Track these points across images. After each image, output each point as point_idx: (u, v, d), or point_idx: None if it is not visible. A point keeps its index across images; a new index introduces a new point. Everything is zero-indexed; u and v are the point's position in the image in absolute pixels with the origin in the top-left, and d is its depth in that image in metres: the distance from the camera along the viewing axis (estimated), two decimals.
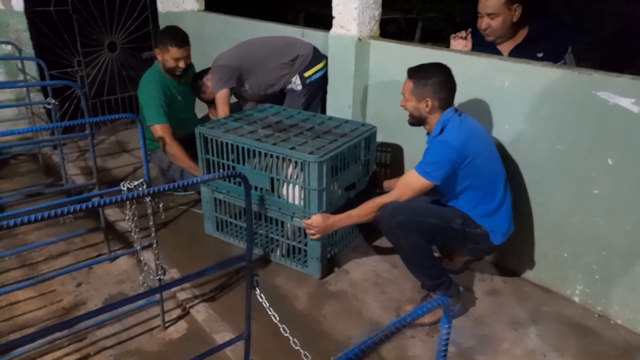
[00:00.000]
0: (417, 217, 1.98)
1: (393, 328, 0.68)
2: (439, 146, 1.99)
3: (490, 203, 2.05)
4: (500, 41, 2.43)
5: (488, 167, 2.04)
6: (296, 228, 2.40)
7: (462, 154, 1.96)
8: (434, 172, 1.97)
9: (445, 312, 0.79)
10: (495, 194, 2.05)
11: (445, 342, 0.81)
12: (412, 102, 2.05)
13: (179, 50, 2.90)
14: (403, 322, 0.71)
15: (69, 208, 1.05)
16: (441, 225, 2.02)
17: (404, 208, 2.00)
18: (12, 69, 3.57)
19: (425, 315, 1.95)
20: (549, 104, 2.09)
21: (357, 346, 0.64)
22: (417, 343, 1.98)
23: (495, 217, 2.06)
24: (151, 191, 1.14)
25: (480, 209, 2.05)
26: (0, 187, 3.34)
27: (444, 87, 2.00)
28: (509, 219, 2.10)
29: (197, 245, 2.68)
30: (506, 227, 2.09)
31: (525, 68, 2.14)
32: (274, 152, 2.27)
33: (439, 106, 2.02)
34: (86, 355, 1.93)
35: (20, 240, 2.71)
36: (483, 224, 2.06)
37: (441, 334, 0.82)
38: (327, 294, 2.27)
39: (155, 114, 2.92)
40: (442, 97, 2.00)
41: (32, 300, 2.23)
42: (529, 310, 2.16)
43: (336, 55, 2.82)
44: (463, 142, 1.96)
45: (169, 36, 2.91)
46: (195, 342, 2.00)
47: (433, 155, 1.99)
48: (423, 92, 2.01)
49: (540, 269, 2.32)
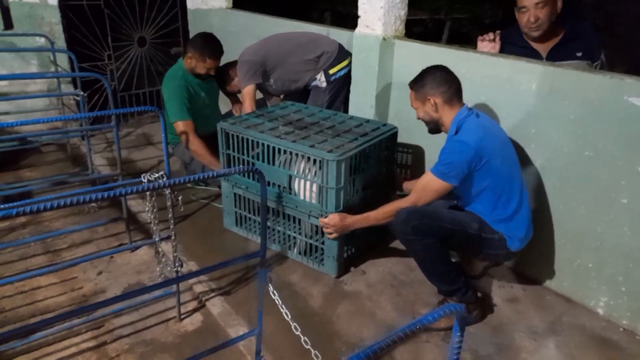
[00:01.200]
0: (432, 222, 1.95)
1: (402, 333, 0.67)
2: (455, 145, 1.96)
3: (506, 207, 1.99)
4: (540, 39, 2.37)
5: (505, 170, 1.99)
6: (313, 226, 2.40)
7: (478, 153, 1.92)
8: (451, 173, 1.94)
9: (458, 319, 0.77)
10: (512, 197, 1.99)
11: (457, 351, 0.79)
12: (420, 107, 2.09)
13: (215, 62, 2.97)
14: (413, 327, 0.69)
15: (90, 196, 1.07)
16: (457, 230, 1.97)
17: (418, 213, 1.96)
18: (44, 61, 3.67)
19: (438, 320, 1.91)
20: (577, 108, 2.02)
21: (364, 350, 0.63)
22: (432, 348, 1.95)
23: (512, 222, 2.01)
24: (169, 183, 1.15)
25: (497, 213, 2.00)
26: (29, 175, 3.44)
27: (441, 81, 2.01)
28: (526, 224, 2.03)
29: (215, 239, 2.71)
30: (523, 233, 2.03)
31: (553, 71, 2.08)
32: (294, 150, 2.27)
33: (444, 101, 2.01)
34: (103, 342, 1.96)
35: (45, 228, 2.79)
36: (499, 229, 2.00)
37: (452, 342, 0.80)
38: (342, 294, 2.26)
39: (177, 111, 2.95)
40: (442, 91, 2.00)
41: (54, 286, 2.29)
42: (549, 320, 2.10)
43: (360, 54, 2.81)
44: (479, 141, 1.92)
45: (209, 48, 2.95)
46: (209, 335, 2.02)
47: (448, 155, 1.96)
48: (423, 94, 2.04)
49: (562, 278, 2.25)
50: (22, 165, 3.59)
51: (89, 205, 2.98)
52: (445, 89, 2.01)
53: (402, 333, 0.67)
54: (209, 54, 2.94)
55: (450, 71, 2.05)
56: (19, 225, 2.80)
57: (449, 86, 2.02)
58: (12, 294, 2.22)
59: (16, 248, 2.55)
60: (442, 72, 2.03)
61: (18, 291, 2.24)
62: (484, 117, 2.06)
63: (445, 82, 2.02)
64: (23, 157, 3.67)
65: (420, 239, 1.93)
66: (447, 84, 2.02)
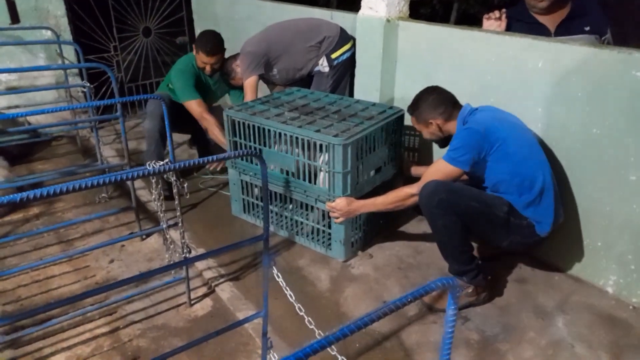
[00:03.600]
0: (459, 198, 1.92)
1: (393, 306, 0.67)
2: (463, 132, 1.99)
3: (531, 190, 1.95)
4: (547, 13, 2.33)
5: (522, 152, 1.96)
6: (321, 211, 2.41)
7: (488, 139, 1.93)
8: (461, 157, 1.94)
9: (451, 293, 0.77)
10: (536, 179, 1.95)
11: (452, 324, 0.79)
12: (424, 130, 2.17)
13: (207, 57, 2.96)
14: (404, 300, 0.70)
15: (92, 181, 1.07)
16: (484, 212, 1.94)
17: (447, 187, 1.92)
18: (52, 54, 3.70)
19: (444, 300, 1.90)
20: (584, 85, 1.99)
21: (348, 325, 0.64)
22: (439, 328, 1.96)
23: (541, 205, 1.97)
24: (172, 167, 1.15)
25: (524, 197, 1.96)
26: (41, 167, 3.50)
27: (436, 104, 2.10)
28: (554, 207, 1.99)
29: (224, 226, 2.73)
30: (552, 217, 1.99)
31: (560, 47, 2.05)
32: (299, 135, 2.27)
33: (445, 120, 2.10)
34: (115, 328, 2.01)
35: (58, 219, 2.84)
36: (528, 214, 1.97)
37: (447, 317, 0.80)
38: (349, 277, 2.27)
39: (188, 92, 2.99)
40: (440, 112, 2.09)
41: (67, 275, 2.33)
42: (558, 300, 2.10)
43: (364, 37, 2.78)
44: (487, 127, 1.94)
45: (202, 42, 2.96)
46: (218, 319, 2.05)
47: (458, 140, 1.98)
48: (424, 118, 2.13)
49: (571, 258, 2.24)
50: (34, 158, 3.65)
51: (100, 195, 3.03)
52: (442, 109, 2.09)
53: (394, 306, 0.67)
54: (200, 47, 2.94)
55: (441, 89, 2.13)
56: (32, 216, 2.86)
57: (444, 107, 2.09)
58: (28, 282, 2.27)
59: (30, 239, 2.60)
60: (434, 95, 2.12)
61: (33, 280, 2.29)
62: (488, 108, 2.08)
63: (440, 103, 2.09)
64: (36, 150, 3.72)
65: (444, 214, 1.91)
66: (443, 105, 2.09)
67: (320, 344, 0.63)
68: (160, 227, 1.94)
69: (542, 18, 2.36)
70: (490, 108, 2.09)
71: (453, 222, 1.92)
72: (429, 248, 2.44)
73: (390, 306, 0.67)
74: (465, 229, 1.95)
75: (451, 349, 0.82)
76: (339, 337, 0.62)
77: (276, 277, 1.40)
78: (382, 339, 1.92)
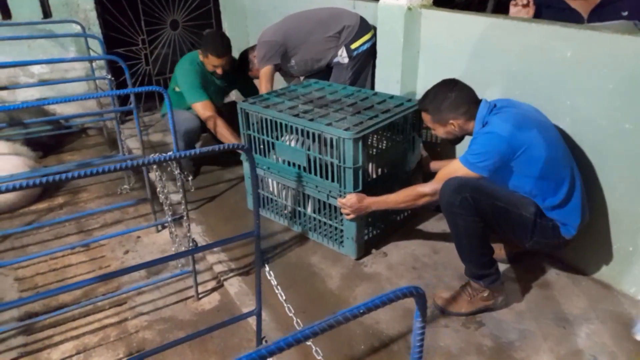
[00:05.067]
0: (484, 197, 1.79)
1: (341, 317, 0.60)
2: (486, 137, 1.82)
3: (556, 194, 1.82)
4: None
5: (548, 154, 1.80)
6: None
7: (512, 145, 1.77)
8: (480, 164, 1.81)
9: (418, 304, 0.70)
10: (562, 183, 1.82)
11: (420, 337, 0.71)
12: (439, 129, 1.99)
13: (218, 59, 2.91)
14: (354, 312, 0.63)
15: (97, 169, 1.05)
16: (510, 212, 1.82)
17: (472, 185, 1.80)
18: (82, 48, 3.79)
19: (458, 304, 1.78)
20: (616, 76, 1.83)
21: (290, 336, 0.58)
22: (450, 333, 1.87)
23: (566, 208, 1.84)
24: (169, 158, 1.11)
25: (549, 200, 1.83)
26: (69, 158, 3.61)
27: (458, 102, 1.90)
28: (581, 209, 1.86)
29: (239, 219, 2.72)
30: (579, 219, 1.85)
31: (590, 35, 1.89)
32: (310, 129, 2.21)
33: (466, 119, 1.92)
34: (124, 318, 2.02)
35: (81, 209, 2.91)
36: (553, 216, 1.85)
37: (415, 330, 0.72)
38: (360, 276, 2.20)
39: (195, 93, 2.93)
40: (463, 111, 1.91)
41: (83, 264, 2.38)
42: (582, 307, 1.95)
43: (385, 26, 2.68)
44: (512, 131, 1.77)
45: (210, 44, 2.89)
46: (224, 314, 2.03)
47: (479, 146, 1.83)
48: (442, 117, 1.94)
49: (599, 263, 2.08)
50: (65, 149, 3.77)
51: (122, 187, 3.08)
52: (465, 109, 1.91)
53: (342, 317, 0.61)
54: (211, 50, 2.88)
55: (461, 85, 1.93)
56: (56, 206, 2.94)
57: (467, 106, 1.91)
58: (45, 271, 2.33)
59: (52, 228, 2.68)
60: (455, 92, 1.91)
61: (51, 269, 2.35)
62: (510, 103, 1.92)
63: (462, 102, 1.91)
64: (67, 142, 3.85)
65: (466, 214, 1.79)
66: (465, 104, 1.91)
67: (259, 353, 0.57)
68: (165, 219, 1.93)
69: (575, 3, 2.20)
70: (511, 104, 1.92)
71: (475, 222, 1.80)
72: (446, 247, 2.34)
73: (338, 317, 0.60)
74: (487, 230, 1.83)
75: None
76: (272, 350, 0.56)
77: (267, 274, 1.35)
78: (389, 341, 1.84)
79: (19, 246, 2.53)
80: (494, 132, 1.80)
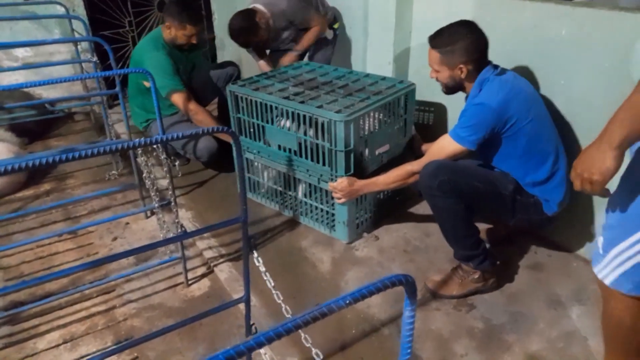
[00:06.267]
0: (462, 179, 1.78)
1: (325, 309, 0.57)
2: (475, 109, 1.80)
3: (539, 170, 1.83)
4: None
5: (535, 130, 1.81)
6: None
7: (502, 116, 1.76)
8: (470, 137, 1.79)
9: (407, 291, 0.67)
10: (546, 159, 1.83)
11: (410, 326, 0.68)
12: (444, 72, 1.89)
13: (195, 27, 2.69)
14: (340, 303, 0.59)
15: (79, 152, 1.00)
16: (488, 191, 1.82)
17: (448, 168, 1.79)
18: (66, 30, 3.68)
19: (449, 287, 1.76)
20: (612, 54, 1.79)
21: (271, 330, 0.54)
22: (442, 316, 1.85)
23: (549, 185, 1.85)
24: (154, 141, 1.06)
25: (530, 177, 1.84)
26: (56, 144, 3.53)
27: (475, 47, 1.82)
28: (563, 187, 1.86)
29: (228, 205, 2.68)
30: (561, 197, 1.86)
31: (585, 13, 1.84)
32: (301, 111, 2.16)
33: (474, 69, 1.85)
34: (112, 306, 1.99)
35: (68, 195, 2.85)
36: (535, 193, 1.85)
37: (404, 318, 0.70)
38: (352, 260, 2.18)
39: (169, 82, 2.69)
40: (476, 57, 1.83)
41: (71, 252, 2.34)
42: (574, 289, 1.95)
43: (375, 6, 2.62)
44: (503, 103, 1.75)
45: (184, 12, 2.65)
46: (214, 300, 2.01)
47: (468, 118, 1.81)
48: (453, 59, 1.84)
49: (591, 244, 2.07)
50: (51, 135, 3.69)
51: (110, 173, 3.02)
52: (478, 55, 1.84)
53: (326, 309, 0.58)
54: (188, 20, 2.66)
55: (480, 31, 1.84)
56: (43, 193, 2.88)
57: (481, 54, 1.84)
58: (31, 259, 2.29)
59: (38, 215, 2.63)
60: (474, 36, 1.82)
61: (37, 257, 2.30)
62: (509, 73, 1.87)
63: (478, 48, 1.83)
64: (53, 127, 3.76)
65: (445, 196, 1.77)
66: (480, 51, 1.84)
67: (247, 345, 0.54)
68: (152, 205, 1.89)
69: None
70: (510, 76, 1.86)
71: (456, 204, 1.79)
72: (438, 231, 2.26)
73: (322, 309, 0.57)
74: (469, 211, 1.81)
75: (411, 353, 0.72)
76: (261, 342, 0.53)
77: (256, 261, 1.32)
78: (380, 325, 1.83)
79: (4, 234, 2.48)
80: (483, 103, 1.78)
